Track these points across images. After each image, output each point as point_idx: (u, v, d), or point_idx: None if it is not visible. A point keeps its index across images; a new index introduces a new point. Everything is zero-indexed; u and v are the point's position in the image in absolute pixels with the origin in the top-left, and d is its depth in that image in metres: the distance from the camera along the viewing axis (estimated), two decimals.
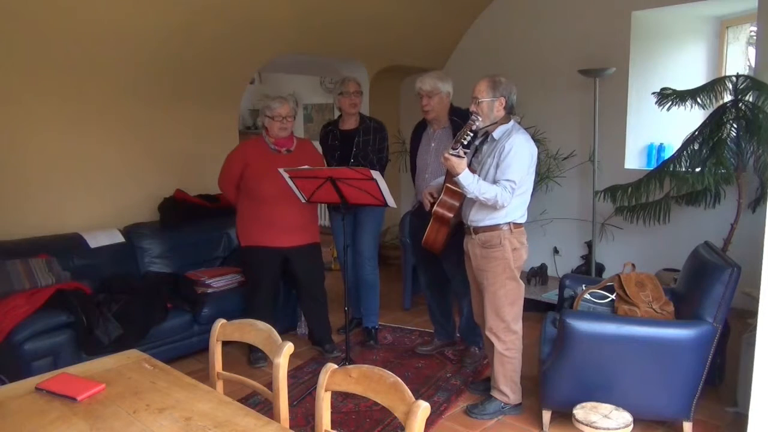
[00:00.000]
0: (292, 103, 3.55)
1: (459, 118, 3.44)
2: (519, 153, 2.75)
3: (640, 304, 2.79)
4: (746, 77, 3.68)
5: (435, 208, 3.01)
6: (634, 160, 4.98)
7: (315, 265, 3.76)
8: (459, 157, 2.68)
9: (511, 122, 2.88)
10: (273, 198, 3.45)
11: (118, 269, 3.75)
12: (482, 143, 2.93)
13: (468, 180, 2.69)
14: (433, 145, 3.54)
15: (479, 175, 2.79)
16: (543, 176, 4.98)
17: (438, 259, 3.43)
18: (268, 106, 3.48)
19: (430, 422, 2.89)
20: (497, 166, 2.77)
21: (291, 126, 3.53)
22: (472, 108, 2.84)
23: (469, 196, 2.74)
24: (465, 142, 2.72)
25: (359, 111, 3.94)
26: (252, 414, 1.65)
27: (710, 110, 3.86)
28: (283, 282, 3.91)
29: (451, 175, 2.88)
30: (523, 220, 2.92)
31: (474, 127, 2.73)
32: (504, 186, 2.71)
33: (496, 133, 2.85)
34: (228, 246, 4.37)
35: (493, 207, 2.77)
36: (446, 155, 2.71)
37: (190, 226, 4.20)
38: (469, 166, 2.80)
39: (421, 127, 3.69)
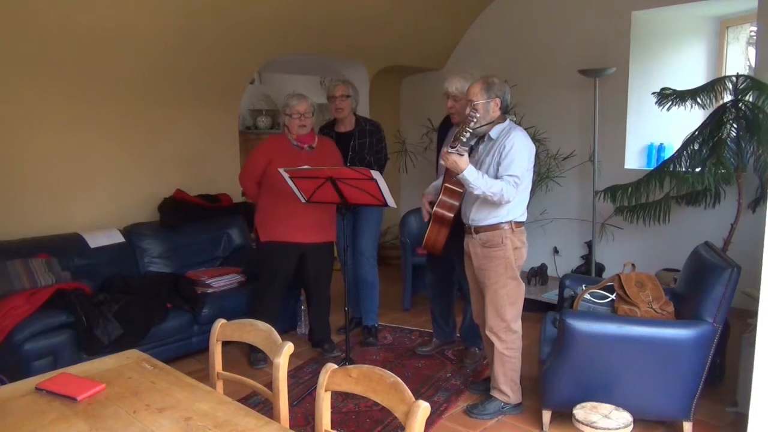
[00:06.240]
0: (311, 101, 3.57)
1: None
2: (520, 149, 2.77)
3: (640, 304, 2.79)
4: (746, 77, 3.68)
5: (435, 208, 2.99)
6: (634, 160, 4.98)
7: (325, 263, 3.77)
8: (459, 154, 2.68)
9: (507, 121, 2.89)
10: (294, 194, 3.44)
11: (118, 269, 3.75)
12: (478, 143, 2.93)
13: (474, 175, 2.68)
14: None
15: None
16: (543, 176, 4.98)
17: (448, 260, 3.42)
18: (287, 104, 3.52)
19: (430, 422, 2.89)
20: (498, 164, 2.77)
21: (310, 123, 3.55)
22: (468, 110, 2.85)
23: (476, 192, 2.71)
24: (464, 140, 2.71)
25: (356, 113, 3.94)
26: (252, 414, 1.65)
27: (710, 110, 3.86)
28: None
29: (450, 175, 2.87)
30: (523, 218, 2.92)
31: (473, 125, 2.72)
32: (507, 181, 2.72)
33: (493, 133, 2.86)
34: (228, 246, 4.37)
35: (498, 203, 2.76)
36: (446, 152, 2.70)
37: (190, 226, 4.20)
38: None
39: (447, 125, 3.58)
